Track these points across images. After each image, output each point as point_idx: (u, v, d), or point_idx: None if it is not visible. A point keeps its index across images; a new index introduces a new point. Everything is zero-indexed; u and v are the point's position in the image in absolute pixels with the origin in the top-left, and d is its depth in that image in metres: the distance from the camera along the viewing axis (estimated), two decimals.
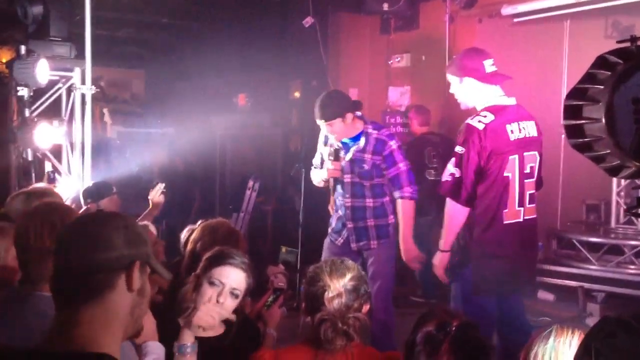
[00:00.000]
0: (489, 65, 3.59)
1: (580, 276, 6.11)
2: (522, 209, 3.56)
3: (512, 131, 3.50)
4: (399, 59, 7.85)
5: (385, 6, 7.04)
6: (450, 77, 3.71)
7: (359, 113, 4.45)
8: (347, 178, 4.39)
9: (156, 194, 4.41)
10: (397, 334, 4.16)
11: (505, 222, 3.51)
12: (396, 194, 4.33)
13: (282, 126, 9.34)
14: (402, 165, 4.31)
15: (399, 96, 7.89)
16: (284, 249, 8.13)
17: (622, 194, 6.44)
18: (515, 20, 6.72)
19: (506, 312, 3.69)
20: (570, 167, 6.23)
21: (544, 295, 6.38)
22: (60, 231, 1.57)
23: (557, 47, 6.89)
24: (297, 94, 8.95)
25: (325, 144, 4.52)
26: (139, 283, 1.49)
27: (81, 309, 1.42)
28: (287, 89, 9.09)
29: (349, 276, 2.30)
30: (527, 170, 3.57)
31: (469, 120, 3.52)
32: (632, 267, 6.03)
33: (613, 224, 6.57)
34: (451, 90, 3.74)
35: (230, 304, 2.44)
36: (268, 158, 9.69)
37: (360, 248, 4.43)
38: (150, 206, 4.40)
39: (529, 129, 3.59)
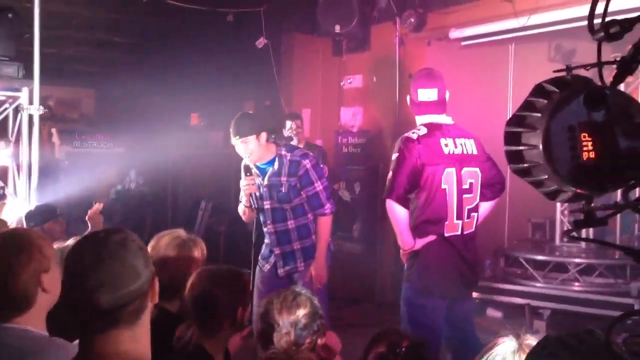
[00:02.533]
0: (423, 94, 3.73)
1: (527, 294, 6.24)
2: (460, 222, 3.67)
3: (446, 145, 3.63)
4: (350, 80, 7.94)
5: (337, 28, 7.13)
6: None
7: (272, 137, 4.45)
8: (267, 204, 4.35)
9: (95, 212, 4.34)
10: (348, 355, 4.15)
11: (445, 234, 3.63)
12: (318, 212, 4.34)
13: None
14: (318, 185, 4.30)
15: (351, 116, 7.98)
16: None
17: (566, 212, 6.63)
18: (463, 43, 6.89)
19: (453, 325, 3.76)
20: (516, 186, 6.34)
21: (492, 312, 6.50)
22: (76, 270, 1.51)
23: (502, 70, 7.11)
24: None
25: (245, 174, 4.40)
26: (157, 290, 1.61)
27: (125, 332, 1.51)
28: (241, 108, 9.04)
29: (300, 313, 2.25)
30: (466, 186, 3.67)
31: (405, 134, 3.70)
32: (577, 284, 6.19)
33: (558, 241, 6.75)
34: None
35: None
36: (221, 178, 9.63)
37: (287, 272, 4.41)
38: (89, 227, 4.31)
39: (467, 146, 3.71)
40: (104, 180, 9.72)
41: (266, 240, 4.53)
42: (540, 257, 6.45)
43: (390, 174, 3.62)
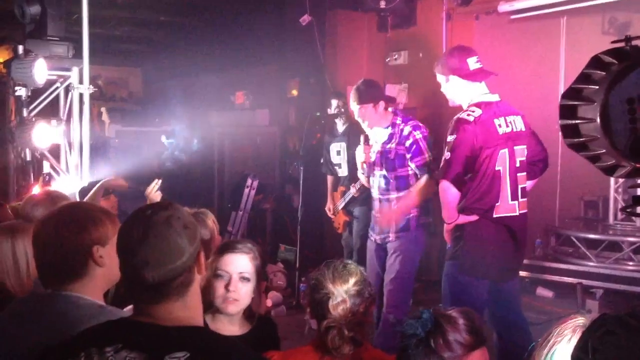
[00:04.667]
0: (472, 63, 3.65)
1: (579, 273, 6.13)
2: (516, 202, 3.59)
3: (499, 125, 3.53)
4: (396, 56, 7.84)
5: (383, 4, 7.03)
6: (438, 76, 3.78)
7: (390, 108, 4.63)
8: (377, 170, 4.54)
9: (153, 190, 4.40)
10: None
11: (495, 215, 3.53)
12: (423, 175, 4.39)
13: (280, 124, 9.34)
14: (428, 156, 4.39)
15: (396, 93, 7.89)
16: (282, 248, 8.15)
17: (620, 190, 6.45)
18: (512, 17, 6.73)
19: (499, 304, 3.71)
20: (568, 164, 6.24)
21: (542, 292, 6.40)
22: (125, 247, 1.60)
23: (554, 44, 6.90)
24: (294, 92, 8.93)
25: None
26: (203, 262, 1.67)
27: (176, 302, 1.59)
28: (285, 87, 9.08)
29: (352, 281, 2.28)
30: (518, 164, 3.60)
31: (458, 115, 3.57)
32: (631, 263, 6.05)
33: (611, 220, 6.58)
34: (442, 89, 3.80)
35: (243, 289, 2.46)
36: (266, 156, 9.69)
37: (381, 240, 4.50)
38: (147, 202, 4.40)
39: (517, 123, 3.62)
40: (152, 157, 9.89)
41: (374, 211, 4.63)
42: (593, 236, 6.31)
43: (448, 154, 3.52)
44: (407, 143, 4.40)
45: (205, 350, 1.51)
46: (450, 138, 3.52)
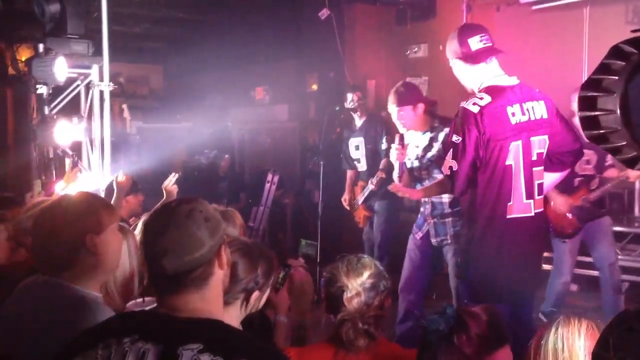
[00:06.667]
0: (475, 43, 3.24)
1: None
2: (531, 201, 3.18)
3: (513, 114, 3.12)
4: (416, 49, 7.79)
5: None
6: (450, 62, 3.41)
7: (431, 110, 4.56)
8: (423, 174, 4.45)
9: (169, 183, 4.46)
10: None
11: (508, 216, 3.13)
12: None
13: (299, 119, 9.33)
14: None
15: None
16: (303, 242, 8.14)
17: None
18: (534, 7, 6.64)
19: (515, 331, 3.50)
20: None
21: None
22: (148, 236, 1.64)
23: (576, 34, 6.79)
24: (314, 87, 8.92)
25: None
26: (226, 259, 1.68)
27: (194, 294, 1.61)
28: (304, 81, 9.07)
29: (366, 274, 2.28)
30: (534, 158, 3.19)
31: (463, 104, 3.16)
32: None
33: (637, 212, 6.48)
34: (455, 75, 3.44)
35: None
36: (286, 151, 9.69)
37: (439, 243, 4.42)
38: (165, 196, 4.43)
39: (536, 110, 3.19)
40: (174, 154, 9.93)
41: (422, 209, 4.54)
42: (618, 228, 6.21)
43: (454, 163, 3.13)
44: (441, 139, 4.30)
45: (219, 342, 1.52)
46: (454, 138, 3.15)
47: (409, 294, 4.39)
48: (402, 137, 4.43)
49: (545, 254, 4.27)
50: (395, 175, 4.54)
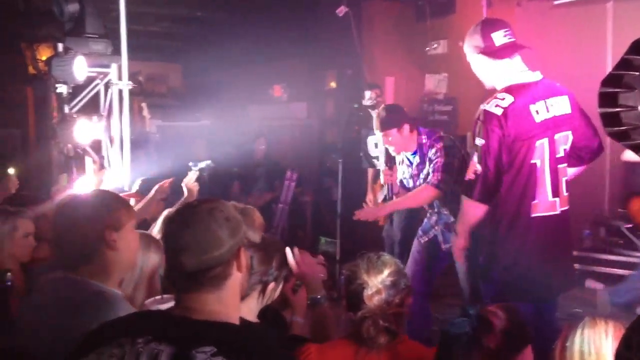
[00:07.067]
0: (499, 38, 3.15)
1: (630, 264, 5.98)
2: (557, 199, 3.12)
3: (537, 111, 3.05)
4: (435, 45, 7.73)
5: None
6: (468, 57, 3.33)
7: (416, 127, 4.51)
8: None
9: (190, 180, 4.43)
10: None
11: (533, 215, 3.08)
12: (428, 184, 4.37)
13: (318, 117, 9.31)
14: (440, 160, 4.32)
15: (436, 84, 7.77)
16: (323, 240, 8.13)
17: None
18: (556, 2, 6.57)
19: (539, 331, 3.45)
20: (616, 153, 6.04)
21: (592, 284, 6.24)
22: (168, 232, 1.65)
23: (599, 30, 6.69)
24: (332, 84, 8.89)
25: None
26: (245, 262, 1.68)
27: (210, 295, 1.61)
28: (323, 79, 9.04)
29: (386, 272, 2.27)
30: (560, 154, 3.13)
31: (484, 106, 3.08)
32: None
33: None
34: (474, 71, 3.37)
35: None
36: (304, 149, 9.67)
37: (449, 249, 4.36)
38: (186, 193, 4.40)
39: (559, 105, 3.12)
40: (194, 152, 9.94)
41: (427, 217, 4.57)
42: None
43: (478, 167, 3.04)
44: (429, 154, 4.33)
45: (233, 346, 1.51)
46: (478, 142, 3.06)
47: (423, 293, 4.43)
48: (391, 159, 4.55)
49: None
50: (381, 197, 4.62)
